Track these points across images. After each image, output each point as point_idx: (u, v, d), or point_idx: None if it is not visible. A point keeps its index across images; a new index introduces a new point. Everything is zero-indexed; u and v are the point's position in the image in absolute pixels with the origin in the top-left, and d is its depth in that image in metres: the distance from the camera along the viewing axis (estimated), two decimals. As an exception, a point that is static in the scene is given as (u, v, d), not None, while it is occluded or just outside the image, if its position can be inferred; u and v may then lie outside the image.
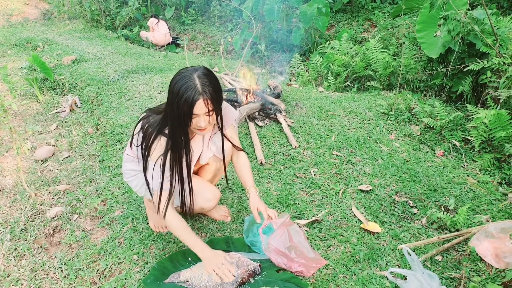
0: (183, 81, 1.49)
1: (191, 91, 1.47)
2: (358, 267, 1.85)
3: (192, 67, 1.56)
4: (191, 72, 1.51)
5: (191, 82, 1.48)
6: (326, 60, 4.97)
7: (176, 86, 1.50)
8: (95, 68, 4.64)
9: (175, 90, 1.50)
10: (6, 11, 8.30)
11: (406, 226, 2.14)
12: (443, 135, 3.11)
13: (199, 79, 1.50)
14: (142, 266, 1.84)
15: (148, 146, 1.63)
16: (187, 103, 1.48)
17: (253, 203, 1.83)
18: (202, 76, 1.51)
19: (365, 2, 6.69)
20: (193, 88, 1.47)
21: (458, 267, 1.86)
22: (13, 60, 5.30)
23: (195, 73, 1.51)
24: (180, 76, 1.52)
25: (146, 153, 1.64)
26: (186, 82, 1.48)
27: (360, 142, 3.00)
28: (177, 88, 1.49)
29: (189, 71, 1.52)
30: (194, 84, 1.48)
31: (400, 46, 4.99)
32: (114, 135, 3.06)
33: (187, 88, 1.47)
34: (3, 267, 1.87)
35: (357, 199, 2.36)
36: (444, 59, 3.72)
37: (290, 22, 6.53)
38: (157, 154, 1.62)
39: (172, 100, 1.51)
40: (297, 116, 3.41)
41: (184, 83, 1.48)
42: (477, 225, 2.11)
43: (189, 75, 1.50)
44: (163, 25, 7.16)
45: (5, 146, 3.06)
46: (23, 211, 2.25)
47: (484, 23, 3.26)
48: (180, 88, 1.48)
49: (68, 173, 2.69)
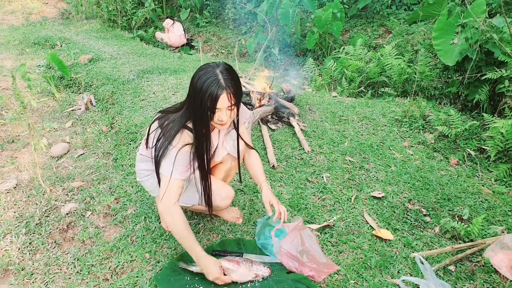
0: (206, 76, 1.51)
1: (215, 85, 1.50)
2: (369, 274, 1.83)
3: (214, 62, 1.59)
4: (214, 68, 1.54)
5: (214, 77, 1.51)
6: (340, 65, 4.96)
7: (199, 81, 1.52)
8: (111, 68, 4.70)
9: (198, 85, 1.52)
10: (25, 9, 8.48)
11: (419, 234, 2.11)
12: (457, 143, 3.07)
13: (221, 74, 1.52)
14: (154, 264, 1.85)
15: (170, 138, 1.63)
16: (211, 97, 1.51)
17: (266, 196, 1.82)
18: (224, 71, 1.54)
19: (380, 8, 6.66)
20: (216, 83, 1.50)
21: (472, 278, 1.83)
22: (31, 58, 5.41)
23: (217, 68, 1.54)
24: (203, 71, 1.54)
25: (167, 144, 1.63)
26: (209, 77, 1.51)
27: (373, 148, 2.98)
28: (201, 83, 1.51)
29: (211, 67, 1.55)
30: (217, 79, 1.51)
31: (416, 53, 4.95)
32: (128, 134, 3.10)
33: (210, 83, 1.50)
34: (18, 260, 1.90)
35: (369, 205, 2.34)
36: (461, 67, 3.68)
37: (305, 26, 6.54)
38: (181, 144, 1.63)
39: (195, 95, 1.53)
40: (310, 120, 3.40)
41: (207, 78, 1.51)
42: (492, 236, 2.08)
43: (211, 70, 1.53)
44: (178, 26, 7.23)
45: (22, 142, 3.12)
46: (38, 206, 2.29)
47: (503, 31, 3.21)
48: (204, 83, 1.50)
49: (82, 170, 2.73)
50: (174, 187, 1.63)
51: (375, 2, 6.66)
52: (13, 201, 2.35)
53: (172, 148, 1.63)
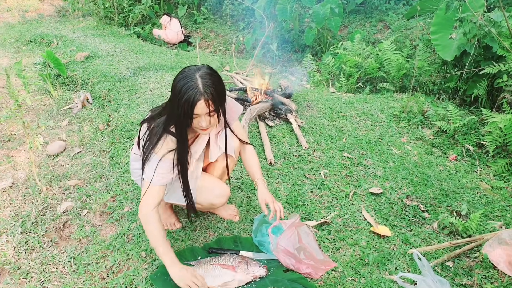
0: (185, 81, 1.47)
1: (192, 91, 1.45)
2: (367, 270, 1.82)
3: (196, 65, 1.54)
4: (194, 72, 1.49)
5: (192, 82, 1.46)
6: (338, 61, 4.93)
7: (178, 85, 1.48)
8: (107, 65, 4.67)
9: (177, 89, 1.48)
10: (21, 7, 8.43)
11: (417, 230, 2.11)
12: (456, 139, 3.06)
13: (201, 79, 1.47)
14: (150, 263, 1.84)
15: (154, 143, 1.61)
16: (187, 103, 1.46)
17: (261, 195, 1.81)
18: (205, 76, 1.49)
19: (379, 3, 6.62)
20: (194, 88, 1.45)
21: (470, 274, 1.82)
22: (27, 56, 5.38)
23: (198, 73, 1.49)
24: (182, 75, 1.50)
25: (150, 148, 1.62)
26: (188, 82, 1.46)
27: (372, 144, 2.96)
28: (179, 88, 1.47)
29: (192, 71, 1.50)
30: (195, 84, 1.46)
31: (414, 48, 4.92)
32: (125, 132, 3.08)
33: (188, 88, 1.45)
34: (13, 259, 1.89)
35: (367, 201, 2.33)
36: (459, 62, 3.66)
37: (303, 22, 6.50)
38: (163, 151, 1.61)
39: (174, 99, 1.50)
40: (308, 116, 3.39)
41: (185, 82, 1.46)
42: (490, 231, 2.07)
43: (191, 74, 1.48)
44: (175, 23, 7.18)
45: (18, 141, 3.10)
46: (35, 205, 2.28)
47: (501, 25, 3.19)
48: (182, 88, 1.46)
49: (79, 168, 2.71)
50: (153, 193, 1.63)
51: (373, -3, 6.62)
52: (9, 200, 2.34)
53: (154, 155, 1.61)
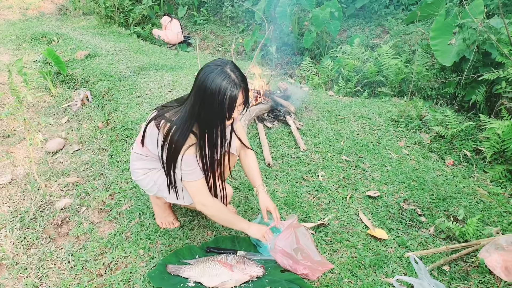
0: (221, 78, 1.50)
1: (232, 85, 1.50)
2: (363, 273, 1.83)
3: (218, 60, 1.57)
4: (223, 67, 1.53)
5: (230, 78, 1.51)
6: (337, 64, 4.96)
7: (213, 83, 1.49)
8: (107, 64, 4.68)
9: (214, 87, 1.49)
10: (22, 5, 8.42)
11: (414, 234, 2.12)
12: (453, 144, 3.08)
13: (233, 73, 1.53)
14: (148, 260, 1.85)
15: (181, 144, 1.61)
16: (231, 98, 1.51)
17: (263, 202, 1.85)
18: (234, 69, 1.55)
19: (378, 8, 6.66)
20: (232, 82, 1.51)
21: (466, 279, 1.84)
22: (28, 53, 5.37)
23: (227, 67, 1.53)
24: (213, 73, 1.51)
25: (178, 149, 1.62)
26: (225, 78, 1.50)
27: (369, 148, 2.98)
28: (217, 85, 1.49)
29: (221, 66, 1.53)
30: (232, 78, 1.51)
31: (413, 53, 4.96)
32: (124, 131, 3.08)
33: (228, 83, 1.50)
34: (12, 255, 1.89)
35: (364, 204, 2.35)
36: (458, 68, 3.69)
37: (302, 25, 6.53)
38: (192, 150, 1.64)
39: (211, 98, 1.50)
40: (306, 119, 3.40)
41: (222, 79, 1.50)
42: (487, 236, 2.08)
43: (221, 69, 1.52)
44: (176, 24, 7.19)
45: (18, 137, 3.10)
46: (33, 201, 2.28)
47: (501, 32, 3.22)
48: (221, 85, 1.49)
49: (78, 166, 2.71)
50: (201, 187, 1.71)
51: (373, 2, 6.67)
52: (8, 196, 2.34)
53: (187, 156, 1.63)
